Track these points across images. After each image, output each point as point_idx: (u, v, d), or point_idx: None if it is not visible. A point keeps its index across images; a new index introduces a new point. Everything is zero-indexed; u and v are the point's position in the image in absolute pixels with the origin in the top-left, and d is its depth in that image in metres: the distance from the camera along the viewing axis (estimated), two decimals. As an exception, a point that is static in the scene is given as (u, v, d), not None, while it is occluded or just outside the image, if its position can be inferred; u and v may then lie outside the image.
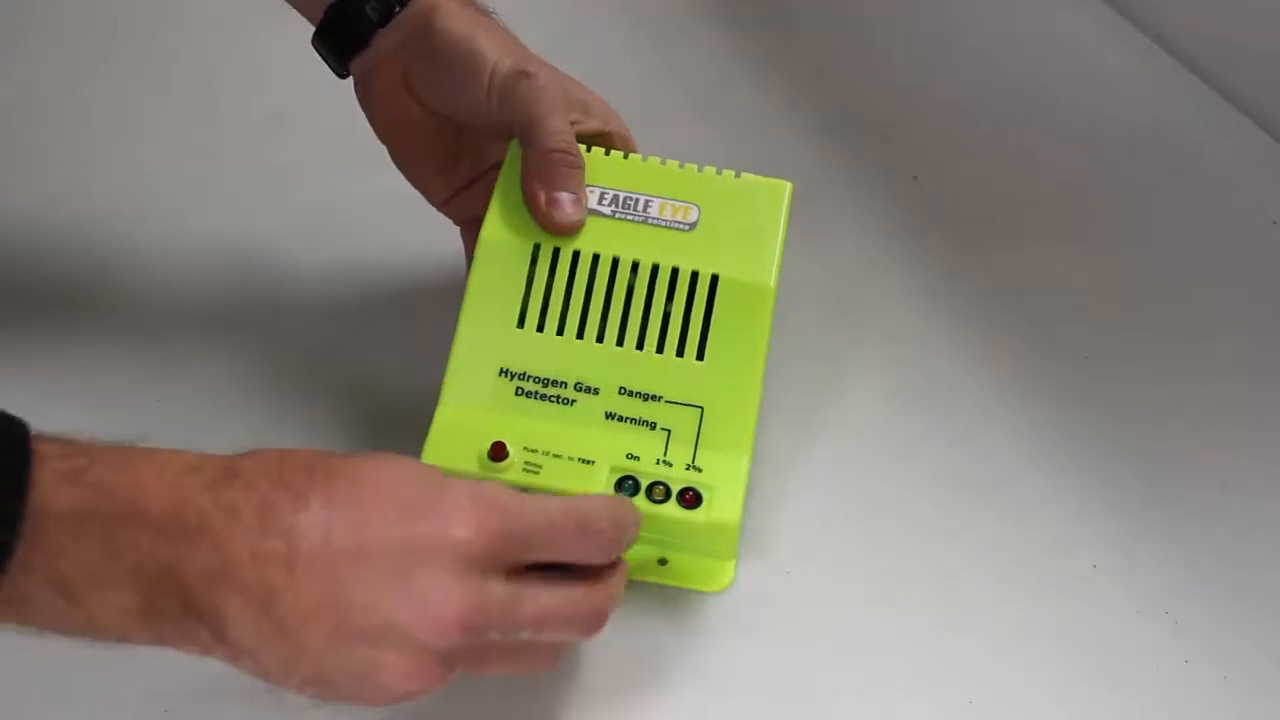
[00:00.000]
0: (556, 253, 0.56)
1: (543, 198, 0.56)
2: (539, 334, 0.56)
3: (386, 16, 0.59)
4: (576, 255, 0.56)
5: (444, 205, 0.63)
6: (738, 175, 0.58)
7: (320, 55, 0.62)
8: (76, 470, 0.42)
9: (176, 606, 0.43)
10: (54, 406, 0.62)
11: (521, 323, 0.56)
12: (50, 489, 0.42)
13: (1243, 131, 0.79)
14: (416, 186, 0.63)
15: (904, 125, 0.79)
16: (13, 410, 0.42)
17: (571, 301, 0.56)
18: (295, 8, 0.63)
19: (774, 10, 0.88)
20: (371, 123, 0.62)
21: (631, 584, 0.55)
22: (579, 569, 0.48)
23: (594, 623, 0.48)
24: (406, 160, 0.62)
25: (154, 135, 0.78)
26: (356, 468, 0.45)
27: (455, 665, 0.45)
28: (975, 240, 0.72)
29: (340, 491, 0.44)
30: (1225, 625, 0.55)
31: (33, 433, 0.43)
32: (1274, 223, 0.73)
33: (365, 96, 0.61)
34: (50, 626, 0.43)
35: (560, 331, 0.56)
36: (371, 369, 0.65)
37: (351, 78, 0.62)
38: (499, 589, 0.45)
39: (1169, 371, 0.65)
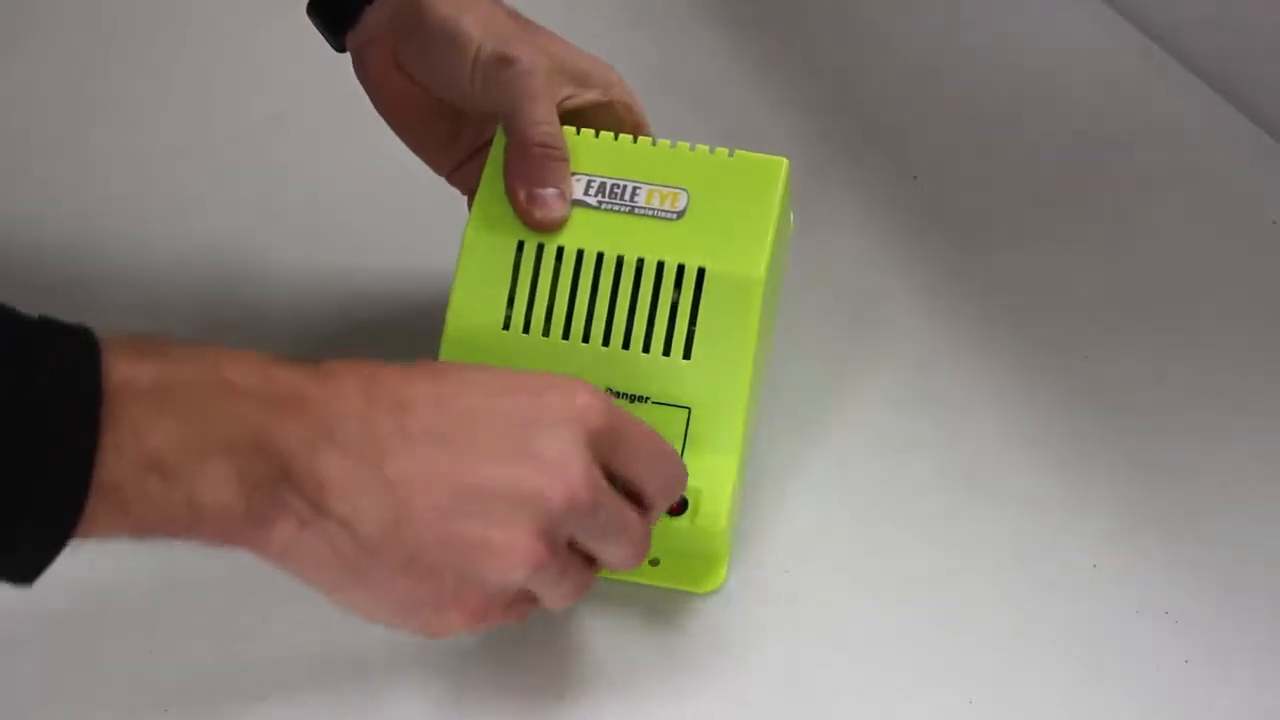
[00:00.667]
0: (540, 250, 0.55)
1: (523, 195, 0.55)
2: (525, 336, 0.55)
3: None
4: (560, 252, 0.55)
5: (450, 176, 0.62)
6: (731, 153, 0.56)
7: (316, 28, 0.61)
8: (152, 350, 0.41)
9: (274, 475, 0.41)
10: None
11: (507, 325, 0.55)
12: (127, 367, 0.40)
13: (1243, 131, 0.79)
14: (420, 157, 0.62)
15: (904, 125, 0.79)
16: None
17: (556, 301, 0.55)
18: None
19: (774, 10, 0.88)
20: (369, 97, 0.60)
21: (626, 584, 0.55)
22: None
23: (642, 550, 0.48)
24: (406, 134, 0.61)
25: (154, 135, 0.78)
26: (451, 361, 0.45)
27: (556, 558, 0.44)
28: (975, 240, 0.72)
29: (446, 369, 0.44)
30: (1225, 625, 0.55)
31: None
32: (1274, 223, 0.73)
33: (361, 72, 0.60)
34: (149, 517, 0.40)
35: (546, 333, 0.55)
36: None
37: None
38: (601, 474, 0.45)
39: (1169, 371, 0.65)
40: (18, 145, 0.78)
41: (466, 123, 0.60)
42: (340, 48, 0.61)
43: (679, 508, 0.53)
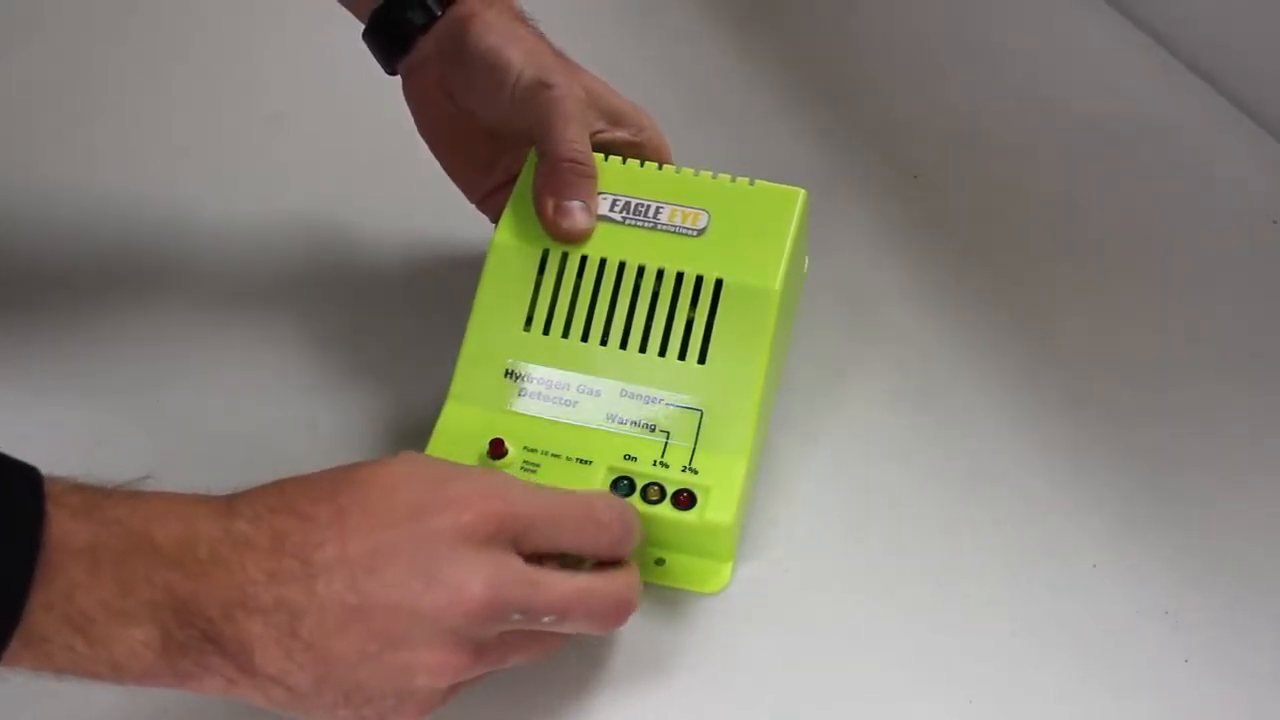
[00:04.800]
0: (565, 258, 0.57)
1: (551, 206, 0.57)
2: (545, 336, 0.57)
3: (427, 22, 0.61)
4: (584, 260, 0.57)
5: (480, 203, 0.65)
6: (752, 183, 0.58)
7: (371, 53, 0.63)
8: (89, 506, 0.43)
9: (196, 638, 0.43)
10: (52, 406, 0.63)
11: (528, 325, 0.57)
12: (65, 525, 0.42)
13: (1243, 131, 0.79)
14: (455, 182, 0.65)
15: (904, 125, 0.79)
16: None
17: (577, 305, 0.57)
18: (345, 6, 0.64)
19: (775, 11, 0.88)
20: (415, 120, 0.63)
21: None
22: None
23: (616, 614, 0.49)
24: (446, 157, 0.64)
25: (154, 135, 0.79)
26: (357, 476, 0.46)
27: (484, 655, 0.46)
28: (975, 240, 0.72)
29: (346, 503, 0.45)
30: (1225, 625, 0.55)
31: (44, 475, 0.43)
32: (1274, 222, 0.73)
33: (409, 95, 0.63)
34: (72, 668, 0.43)
35: (565, 334, 0.57)
36: (374, 370, 0.65)
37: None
38: (517, 566, 0.46)
39: (1169, 371, 0.65)
40: (18, 145, 0.78)
41: (504, 149, 0.63)
42: (392, 72, 0.63)
43: (686, 503, 0.54)
